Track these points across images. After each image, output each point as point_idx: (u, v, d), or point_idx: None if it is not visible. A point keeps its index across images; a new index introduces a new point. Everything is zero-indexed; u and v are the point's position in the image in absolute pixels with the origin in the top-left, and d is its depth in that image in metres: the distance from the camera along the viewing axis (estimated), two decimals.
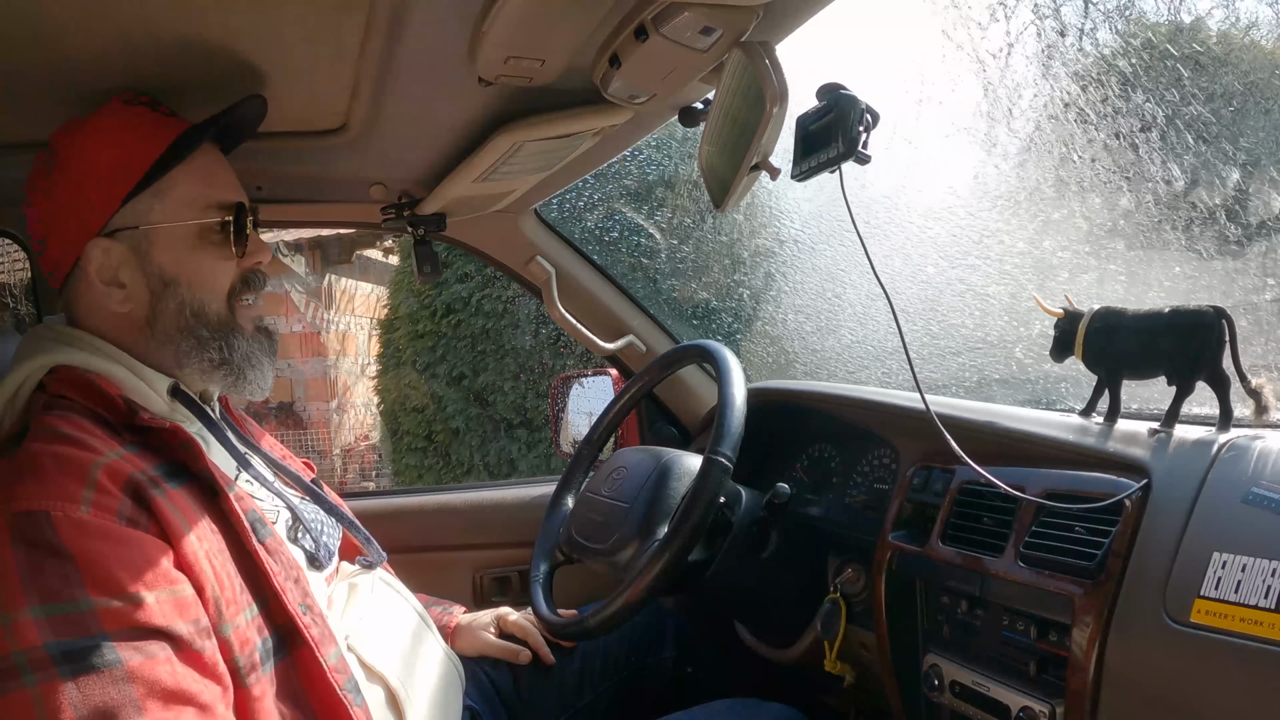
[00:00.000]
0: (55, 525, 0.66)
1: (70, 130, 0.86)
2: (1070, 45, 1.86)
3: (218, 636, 0.71)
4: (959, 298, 1.60)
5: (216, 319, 0.87)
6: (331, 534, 0.96)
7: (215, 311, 0.87)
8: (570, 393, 1.73)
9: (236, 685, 0.72)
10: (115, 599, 0.65)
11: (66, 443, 0.73)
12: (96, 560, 0.66)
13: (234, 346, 0.87)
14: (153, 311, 0.85)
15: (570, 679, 1.23)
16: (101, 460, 0.72)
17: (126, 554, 0.68)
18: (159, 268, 0.84)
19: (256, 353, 0.89)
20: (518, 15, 0.74)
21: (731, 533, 1.13)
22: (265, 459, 0.96)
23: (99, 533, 0.68)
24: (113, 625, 0.65)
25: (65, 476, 0.69)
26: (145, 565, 0.68)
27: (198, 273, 0.86)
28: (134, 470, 0.73)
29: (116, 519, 0.69)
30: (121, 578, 0.66)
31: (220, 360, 0.86)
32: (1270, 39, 1.90)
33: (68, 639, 0.63)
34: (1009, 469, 0.93)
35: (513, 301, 4.07)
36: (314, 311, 6.05)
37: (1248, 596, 0.66)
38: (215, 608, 0.72)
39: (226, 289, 0.88)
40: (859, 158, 0.81)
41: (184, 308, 0.85)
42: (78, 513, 0.68)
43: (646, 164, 3.28)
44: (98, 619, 0.64)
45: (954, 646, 0.98)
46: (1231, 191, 1.58)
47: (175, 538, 0.71)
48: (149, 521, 0.71)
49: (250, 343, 0.89)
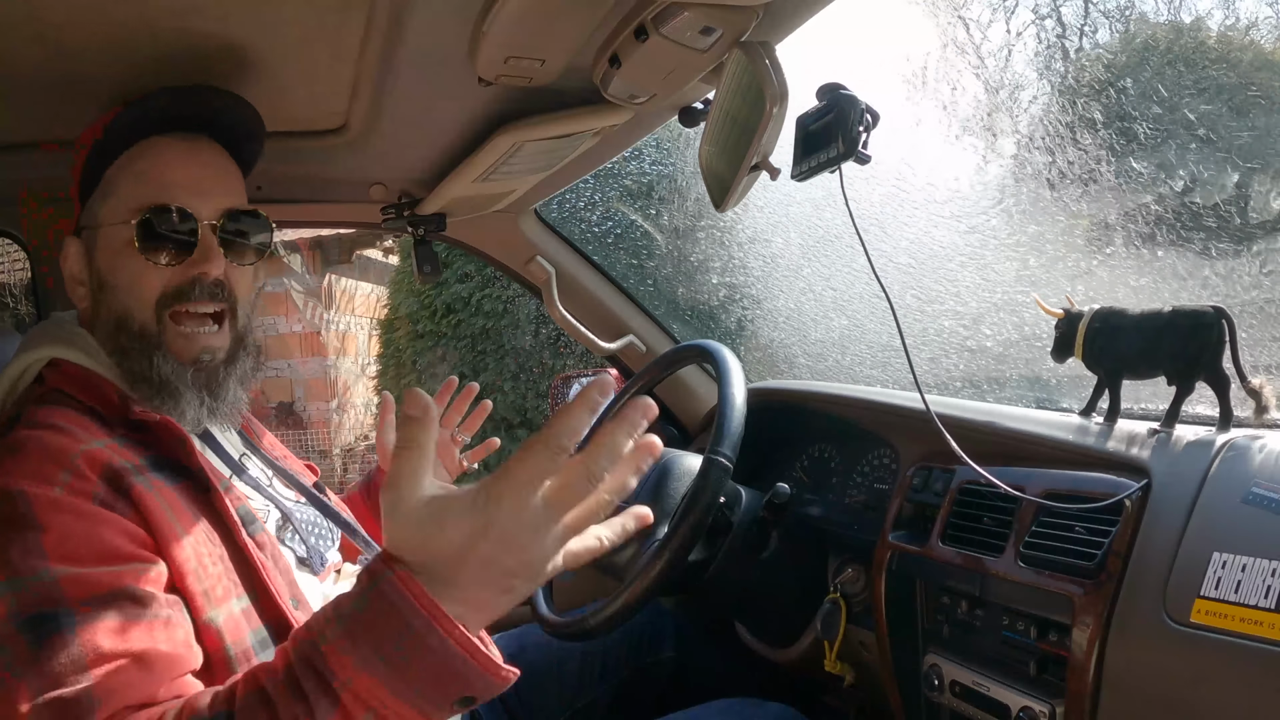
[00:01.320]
0: (30, 500, 0.67)
1: None
2: (1070, 46, 1.86)
3: (204, 622, 0.72)
4: (959, 297, 1.60)
5: (139, 329, 0.82)
6: (325, 538, 0.95)
7: (140, 322, 0.82)
8: (570, 393, 1.73)
9: (228, 673, 0.72)
10: (78, 568, 0.66)
11: (52, 430, 0.73)
12: (64, 533, 0.67)
13: (153, 364, 0.81)
14: (94, 313, 0.85)
15: (570, 679, 1.23)
16: (83, 448, 0.72)
17: (95, 530, 0.68)
18: (98, 269, 0.84)
19: (174, 381, 0.81)
20: (518, 15, 0.74)
21: (731, 533, 1.13)
22: (263, 460, 0.96)
23: (70, 509, 0.68)
24: (74, 593, 0.65)
25: (45, 460, 0.70)
26: (112, 542, 0.68)
27: (122, 278, 0.83)
28: (116, 459, 0.73)
29: (91, 500, 0.70)
30: (86, 552, 0.67)
31: (141, 373, 0.81)
32: (1270, 39, 1.90)
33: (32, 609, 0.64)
34: (1009, 469, 0.93)
35: (513, 301, 4.06)
36: (314, 311, 6.05)
37: (1248, 596, 0.66)
38: (201, 595, 0.72)
39: (153, 298, 0.82)
40: (859, 158, 0.81)
41: (110, 312, 0.83)
42: (53, 492, 0.68)
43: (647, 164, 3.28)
44: (60, 587, 0.65)
45: (954, 646, 0.98)
46: (1231, 191, 1.58)
47: (155, 524, 0.72)
48: (125, 506, 0.71)
49: (172, 368, 0.81)
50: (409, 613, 0.55)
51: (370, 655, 0.56)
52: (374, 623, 0.56)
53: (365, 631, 0.56)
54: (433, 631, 0.55)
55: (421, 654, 0.55)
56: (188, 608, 0.72)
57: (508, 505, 0.54)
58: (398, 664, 0.55)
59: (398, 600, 0.55)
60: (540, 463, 0.54)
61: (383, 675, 0.55)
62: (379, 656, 0.55)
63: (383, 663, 0.55)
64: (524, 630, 1.30)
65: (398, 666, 0.55)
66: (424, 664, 0.55)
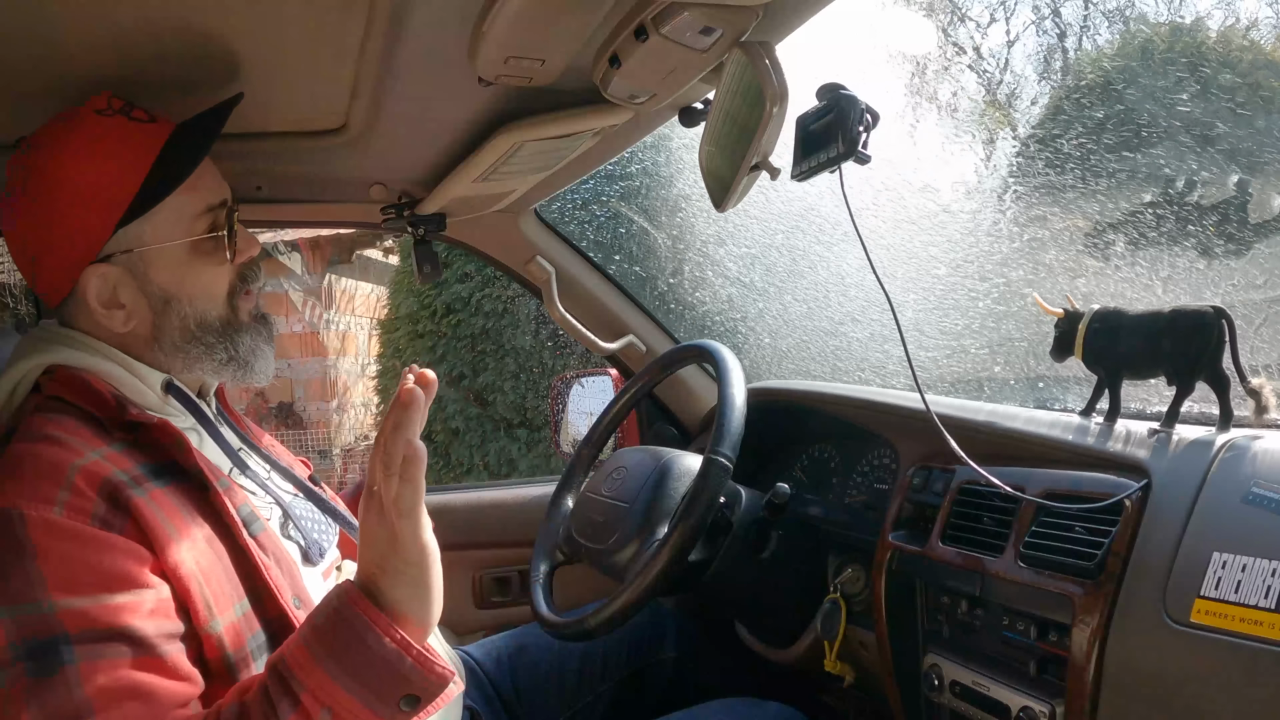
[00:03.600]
0: (27, 524, 0.67)
1: (51, 145, 0.81)
2: (1070, 46, 1.86)
3: (206, 633, 0.72)
4: (958, 298, 1.61)
5: (220, 323, 0.87)
6: (326, 531, 0.96)
7: (218, 317, 0.87)
8: (570, 393, 1.73)
9: (228, 681, 0.72)
10: (77, 600, 0.66)
11: (47, 443, 0.73)
12: (63, 561, 0.67)
13: (239, 343, 0.88)
14: (156, 328, 0.85)
15: (570, 679, 1.23)
16: (80, 462, 0.72)
17: (94, 556, 0.68)
18: (159, 287, 0.84)
19: (259, 343, 0.91)
20: (518, 15, 0.74)
21: (731, 533, 1.13)
22: (261, 456, 0.96)
23: (69, 534, 0.68)
24: (74, 626, 0.65)
25: (41, 477, 0.70)
26: (112, 568, 0.68)
27: (197, 286, 0.86)
28: (114, 471, 0.73)
29: (90, 521, 0.69)
30: (86, 580, 0.67)
31: (228, 358, 0.88)
32: (1270, 39, 1.90)
33: (31, 639, 0.64)
34: (1009, 469, 0.93)
35: (513, 301, 4.06)
36: (314, 311, 6.05)
37: (1248, 596, 0.66)
38: (204, 605, 0.72)
39: (226, 293, 0.88)
40: (859, 158, 0.81)
41: (188, 320, 0.85)
42: (50, 514, 0.68)
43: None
44: (60, 620, 0.65)
45: (954, 646, 0.98)
46: (1231, 191, 1.58)
47: (155, 539, 0.71)
48: (125, 523, 0.71)
49: (252, 336, 0.90)
50: (351, 617, 0.66)
51: (323, 655, 0.66)
52: (325, 628, 0.67)
53: (318, 636, 0.67)
54: (370, 631, 0.66)
55: (362, 651, 0.66)
56: (190, 620, 0.71)
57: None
58: (345, 662, 0.66)
59: (342, 607, 0.67)
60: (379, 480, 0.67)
61: (334, 673, 0.65)
62: (330, 656, 0.66)
63: (333, 660, 0.66)
64: (524, 630, 1.30)
65: (345, 664, 0.65)
66: (365, 661, 0.66)
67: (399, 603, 0.68)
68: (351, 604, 0.67)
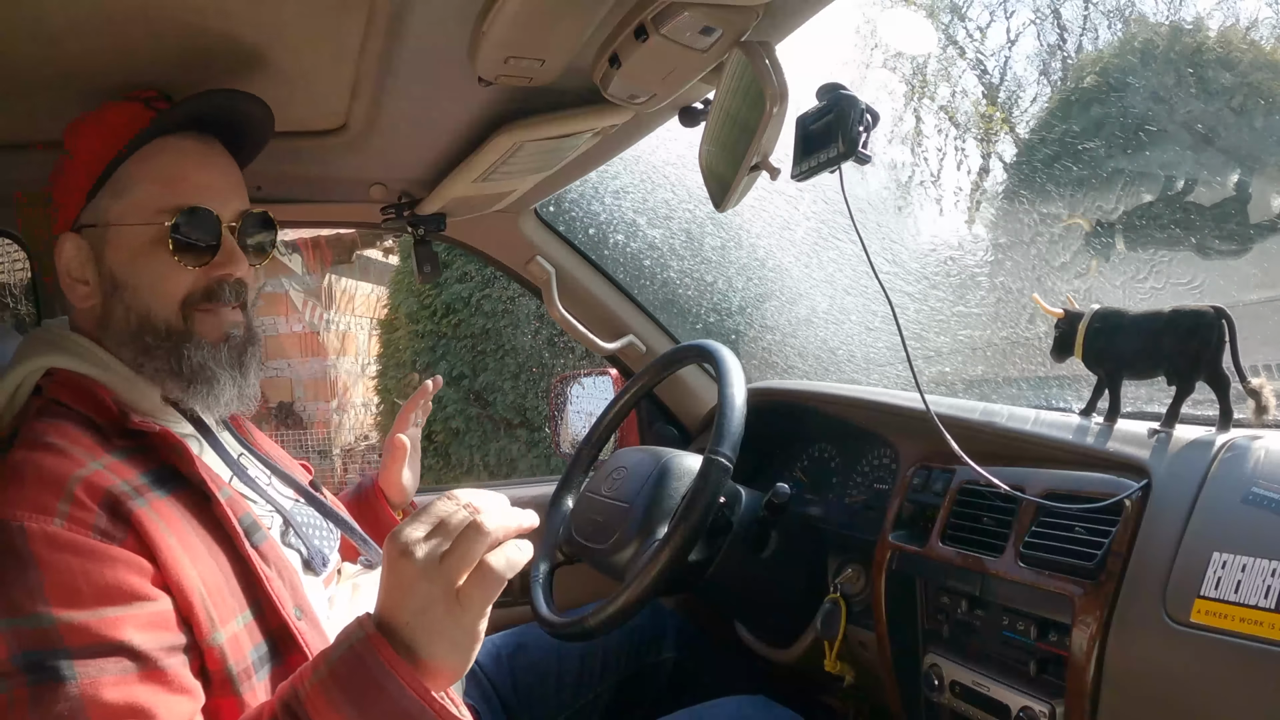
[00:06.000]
0: (28, 536, 0.66)
1: (74, 123, 0.86)
2: (1070, 46, 1.86)
3: (208, 645, 0.71)
4: (957, 298, 1.60)
5: (164, 327, 0.82)
6: (327, 538, 0.95)
7: (164, 319, 0.82)
8: (570, 393, 1.73)
9: (229, 693, 0.71)
10: (78, 613, 0.65)
11: (49, 451, 0.72)
12: (64, 574, 0.66)
13: (183, 356, 0.82)
14: (105, 311, 0.84)
15: (569, 678, 1.23)
16: (81, 473, 0.71)
17: (95, 569, 0.67)
18: (110, 269, 0.83)
19: (211, 364, 0.83)
20: (518, 15, 0.74)
21: (731, 533, 1.13)
22: (261, 462, 0.96)
23: (69, 546, 0.67)
24: (74, 640, 0.64)
25: (42, 488, 0.69)
26: (113, 581, 0.67)
27: (144, 278, 0.82)
28: (115, 481, 0.72)
29: (91, 533, 0.68)
30: (87, 593, 0.66)
31: (169, 369, 0.82)
32: (1270, 39, 1.90)
33: (31, 651, 0.64)
34: (1009, 469, 0.93)
35: (513, 301, 4.07)
36: (314, 311, 6.05)
37: (1248, 596, 0.66)
38: (206, 617, 0.71)
39: (179, 297, 0.83)
40: (859, 158, 0.81)
41: (129, 312, 0.82)
42: (51, 525, 0.67)
43: None
44: (60, 634, 0.64)
45: (954, 646, 0.98)
46: (1231, 191, 1.58)
47: (157, 550, 0.70)
48: (126, 535, 0.70)
49: (205, 353, 0.83)
50: (373, 665, 0.63)
51: (340, 700, 0.63)
52: (345, 674, 0.63)
53: (336, 680, 0.64)
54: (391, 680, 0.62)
55: (383, 702, 0.62)
56: (192, 632, 0.71)
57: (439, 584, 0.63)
58: (363, 707, 0.62)
59: (365, 654, 0.63)
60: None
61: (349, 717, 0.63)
62: (350, 704, 0.63)
63: (350, 705, 0.63)
64: (524, 630, 1.30)
65: (363, 710, 0.62)
66: (385, 711, 0.62)
67: (435, 657, 0.64)
68: (375, 649, 0.63)
